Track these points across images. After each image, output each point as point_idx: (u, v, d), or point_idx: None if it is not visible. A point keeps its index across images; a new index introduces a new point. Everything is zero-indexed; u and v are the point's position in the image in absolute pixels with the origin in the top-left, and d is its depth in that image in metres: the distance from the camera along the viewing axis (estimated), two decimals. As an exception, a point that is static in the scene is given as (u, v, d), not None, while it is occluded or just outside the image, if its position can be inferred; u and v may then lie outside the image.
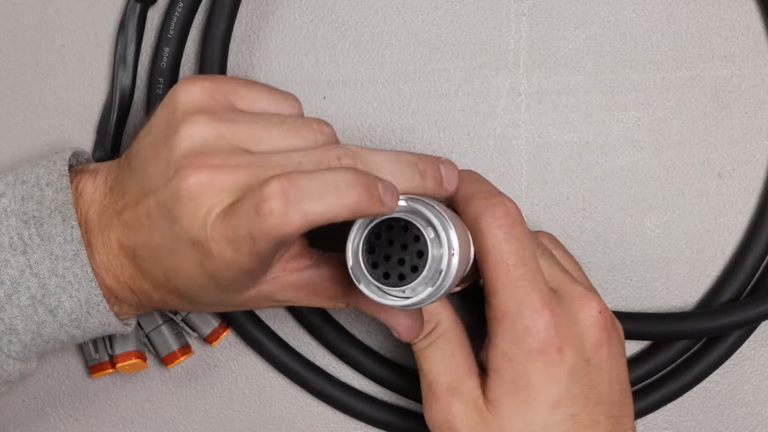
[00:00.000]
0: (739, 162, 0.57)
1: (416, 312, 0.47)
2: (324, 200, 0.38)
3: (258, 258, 0.40)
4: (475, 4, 0.57)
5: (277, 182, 0.38)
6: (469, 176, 0.49)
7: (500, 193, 0.47)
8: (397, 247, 0.42)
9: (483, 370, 0.48)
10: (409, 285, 0.41)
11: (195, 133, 0.41)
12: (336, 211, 0.38)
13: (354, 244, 0.42)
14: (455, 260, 0.41)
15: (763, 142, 0.57)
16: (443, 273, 0.41)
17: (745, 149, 0.57)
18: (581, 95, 0.57)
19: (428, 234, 0.41)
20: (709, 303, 0.57)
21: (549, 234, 0.52)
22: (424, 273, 0.41)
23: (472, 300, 0.54)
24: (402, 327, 0.47)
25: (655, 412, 0.58)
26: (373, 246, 0.42)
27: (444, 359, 0.48)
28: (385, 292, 0.42)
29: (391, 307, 0.42)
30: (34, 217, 0.45)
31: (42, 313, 0.45)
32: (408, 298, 0.42)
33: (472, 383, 0.47)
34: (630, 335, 0.55)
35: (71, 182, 0.46)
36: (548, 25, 0.57)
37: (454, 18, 0.57)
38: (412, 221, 0.41)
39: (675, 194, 0.58)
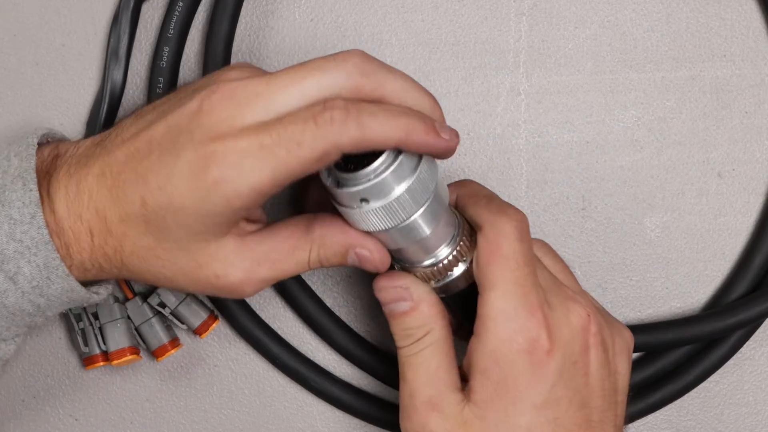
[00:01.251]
0: (739, 162, 0.57)
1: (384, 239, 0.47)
2: (381, 119, 0.42)
3: (282, 173, 0.41)
4: (475, 4, 0.57)
5: (341, 99, 0.41)
6: (472, 182, 0.51)
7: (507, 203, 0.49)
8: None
9: (464, 382, 0.48)
10: (366, 169, 0.43)
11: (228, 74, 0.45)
12: (390, 132, 0.42)
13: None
14: (422, 163, 0.44)
15: (763, 141, 0.58)
16: (401, 159, 0.43)
17: (745, 149, 0.57)
18: (581, 95, 0.57)
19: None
20: (717, 303, 0.57)
21: (540, 240, 0.52)
22: (381, 158, 0.43)
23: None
24: (369, 249, 0.46)
25: (656, 412, 0.58)
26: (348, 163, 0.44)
27: (429, 371, 0.47)
28: (344, 186, 0.44)
29: (348, 198, 0.44)
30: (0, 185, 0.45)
31: (2, 281, 0.44)
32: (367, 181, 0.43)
33: (453, 398, 0.47)
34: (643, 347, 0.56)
35: (50, 151, 0.47)
36: (548, 24, 0.57)
37: (454, 18, 0.57)
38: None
39: (675, 194, 0.58)
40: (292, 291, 0.57)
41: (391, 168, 0.43)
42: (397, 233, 0.45)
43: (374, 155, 0.43)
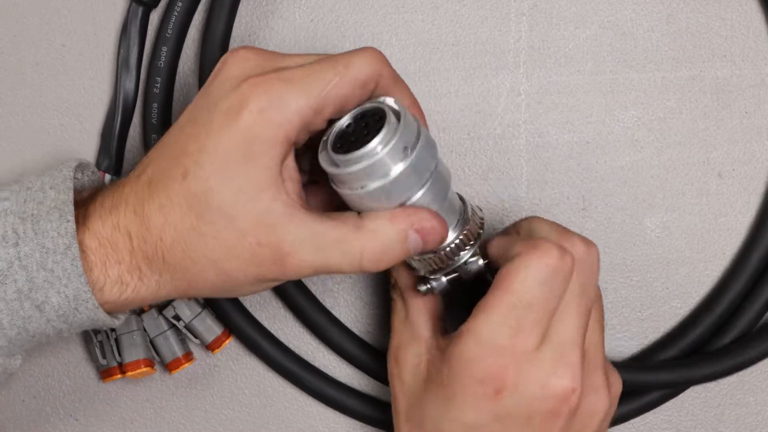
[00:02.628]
0: (740, 162, 0.57)
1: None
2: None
3: (332, 96, 0.43)
4: (475, 4, 0.57)
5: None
6: (546, 222, 0.49)
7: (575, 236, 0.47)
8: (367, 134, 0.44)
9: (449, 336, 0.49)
10: (363, 149, 0.43)
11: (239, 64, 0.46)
12: (408, 92, 0.47)
13: (329, 137, 0.45)
14: (420, 141, 0.43)
15: (763, 142, 0.57)
16: (397, 137, 0.43)
17: (746, 149, 0.57)
18: (581, 95, 0.57)
19: (390, 117, 0.44)
20: (711, 304, 0.57)
21: (600, 296, 0.49)
22: (378, 138, 0.43)
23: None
24: (427, 217, 0.45)
25: (656, 412, 0.58)
26: (345, 136, 0.45)
27: (399, 320, 0.51)
28: (343, 167, 0.44)
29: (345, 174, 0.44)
30: (33, 215, 0.45)
31: (28, 308, 0.44)
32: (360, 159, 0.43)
33: (417, 348, 0.50)
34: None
35: (88, 193, 0.47)
36: (548, 24, 0.57)
37: (454, 18, 0.57)
38: (381, 106, 0.44)
39: (675, 194, 0.57)
40: (290, 293, 0.57)
41: (389, 147, 0.43)
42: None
43: (370, 137, 0.43)
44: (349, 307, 0.58)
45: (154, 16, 0.56)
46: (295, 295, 0.57)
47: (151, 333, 0.56)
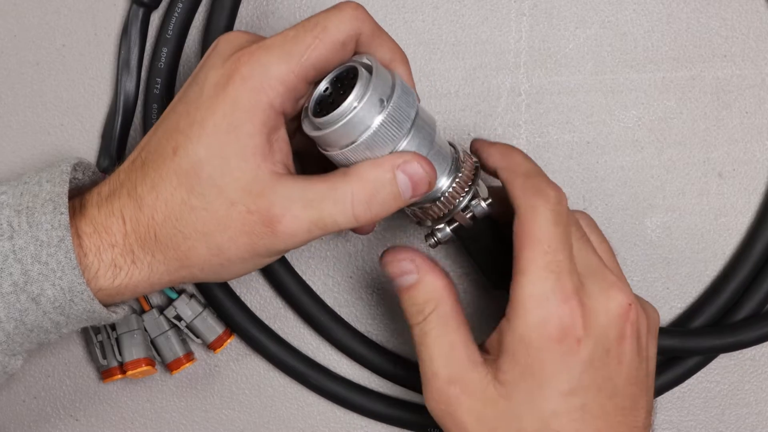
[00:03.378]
0: (740, 162, 0.57)
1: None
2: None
3: (310, 60, 0.44)
4: (475, 4, 0.57)
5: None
6: (519, 153, 0.50)
7: (549, 179, 0.48)
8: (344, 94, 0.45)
9: (489, 354, 0.47)
10: (341, 107, 0.44)
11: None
12: (394, 46, 0.47)
13: (308, 103, 0.46)
14: (395, 93, 0.44)
15: (763, 141, 0.57)
16: (370, 93, 0.44)
17: (746, 149, 0.57)
18: (581, 95, 0.57)
19: (362, 73, 0.45)
20: (706, 303, 0.57)
21: (586, 215, 0.51)
22: (352, 95, 0.44)
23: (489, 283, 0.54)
24: (411, 158, 0.45)
25: (656, 411, 0.58)
26: (324, 100, 0.46)
27: (444, 351, 0.47)
28: (324, 129, 0.45)
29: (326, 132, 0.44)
30: (28, 207, 0.45)
31: (24, 300, 0.45)
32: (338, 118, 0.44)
33: (475, 374, 0.47)
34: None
35: (91, 187, 0.48)
36: (548, 25, 0.57)
37: (454, 18, 0.57)
38: (354, 65, 0.45)
39: (675, 194, 0.57)
40: (292, 291, 0.57)
41: (363, 101, 0.44)
42: None
43: (346, 95, 0.44)
44: (350, 307, 0.58)
45: (155, 17, 0.56)
46: (296, 294, 0.57)
47: (152, 333, 0.56)
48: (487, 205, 0.48)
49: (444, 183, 0.47)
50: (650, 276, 0.58)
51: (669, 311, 0.58)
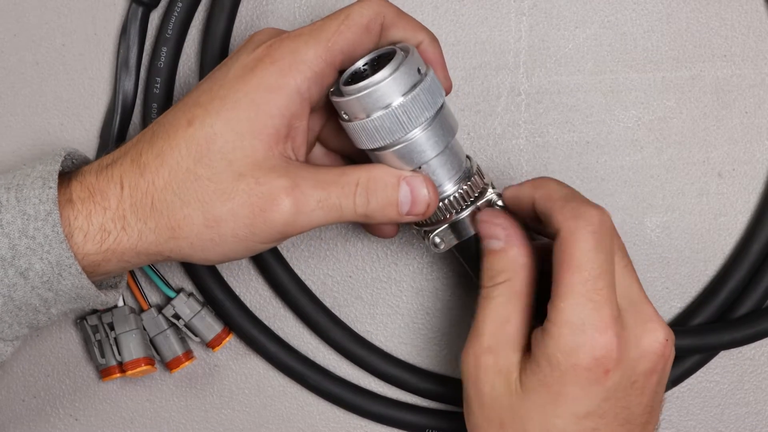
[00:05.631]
0: (739, 162, 0.57)
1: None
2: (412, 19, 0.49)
3: (335, 46, 0.45)
4: (475, 4, 0.57)
5: None
6: (553, 180, 0.49)
7: (590, 201, 0.47)
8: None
9: (529, 348, 0.47)
10: (370, 79, 0.45)
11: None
12: (419, 27, 0.49)
13: (343, 77, 0.47)
14: (425, 80, 0.45)
15: (763, 141, 0.57)
16: (401, 69, 0.45)
17: (745, 149, 0.57)
18: (581, 95, 0.57)
19: (399, 54, 0.46)
20: (705, 302, 0.57)
21: (620, 239, 0.49)
22: (385, 69, 0.45)
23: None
24: (420, 178, 0.47)
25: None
26: (358, 74, 0.47)
27: (497, 321, 0.47)
28: (345, 94, 0.46)
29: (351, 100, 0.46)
30: (18, 185, 0.45)
31: (12, 275, 0.44)
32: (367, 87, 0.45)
33: (512, 356, 0.46)
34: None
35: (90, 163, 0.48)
36: (548, 24, 0.57)
37: (454, 18, 0.57)
38: (393, 48, 0.47)
39: (675, 194, 0.58)
40: (291, 291, 0.57)
41: (391, 78, 0.45)
42: (399, 152, 0.46)
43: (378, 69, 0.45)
44: (349, 307, 0.58)
45: (155, 17, 0.56)
46: (295, 294, 0.57)
47: (151, 332, 0.56)
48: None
49: (449, 188, 0.48)
50: (650, 275, 0.58)
51: (668, 310, 0.58)
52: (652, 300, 0.51)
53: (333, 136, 0.51)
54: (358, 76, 0.47)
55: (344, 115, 0.46)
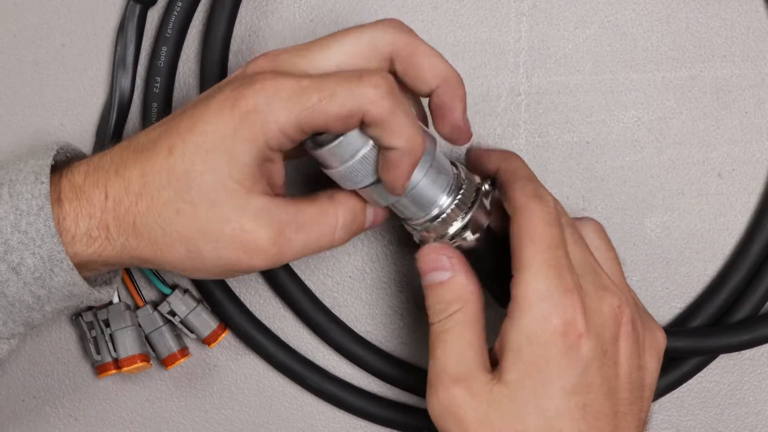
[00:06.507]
0: (739, 162, 0.57)
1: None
2: (411, 118, 0.46)
3: (307, 119, 0.43)
4: (475, 4, 0.57)
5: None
6: (519, 158, 0.51)
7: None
8: None
9: (494, 365, 0.47)
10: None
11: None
12: (415, 132, 0.45)
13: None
14: None
15: (763, 141, 0.57)
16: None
17: (745, 149, 0.57)
18: (581, 95, 0.57)
19: None
20: (705, 302, 0.57)
21: (595, 222, 0.52)
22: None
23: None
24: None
25: (656, 411, 0.58)
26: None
27: (460, 349, 0.47)
28: (323, 146, 0.45)
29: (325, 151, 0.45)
30: (11, 180, 0.45)
31: (5, 271, 0.44)
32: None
33: (482, 376, 0.46)
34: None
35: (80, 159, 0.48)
36: (548, 25, 0.57)
37: (454, 18, 0.57)
38: None
39: (675, 194, 0.58)
40: (290, 291, 0.57)
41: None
42: (384, 187, 0.46)
43: None
44: (348, 307, 0.58)
45: (154, 16, 0.56)
46: (295, 294, 0.57)
47: (147, 329, 0.56)
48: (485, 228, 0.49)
49: (445, 201, 0.48)
50: (650, 276, 0.58)
51: (668, 311, 0.58)
52: (652, 300, 0.52)
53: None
54: None
55: (321, 164, 0.47)
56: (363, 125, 0.44)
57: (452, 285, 0.48)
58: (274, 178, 0.47)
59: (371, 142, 0.45)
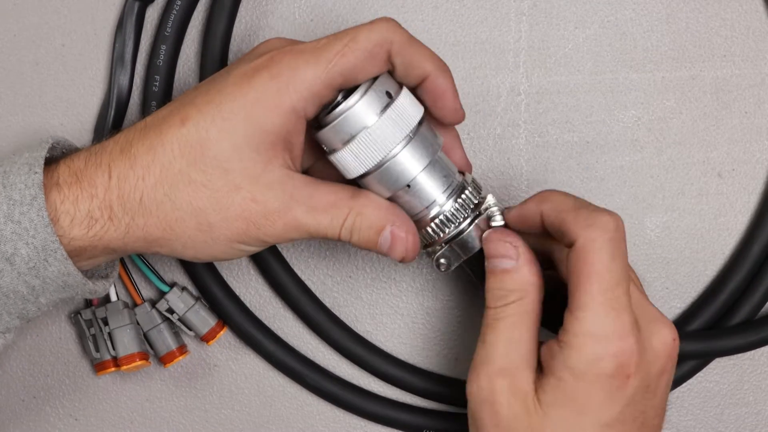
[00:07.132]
0: (739, 162, 0.57)
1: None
2: (424, 48, 0.48)
3: (336, 69, 0.44)
4: (475, 4, 0.57)
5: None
6: (557, 191, 0.48)
7: (598, 207, 0.47)
8: None
9: (539, 366, 0.47)
10: (343, 104, 0.45)
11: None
12: (430, 56, 0.47)
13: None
14: (400, 97, 0.46)
15: (763, 142, 0.57)
16: (372, 91, 0.45)
17: (745, 149, 0.57)
18: (581, 95, 0.57)
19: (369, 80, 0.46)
20: (705, 302, 0.57)
21: (616, 220, 0.49)
22: (356, 94, 0.45)
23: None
24: (405, 229, 0.47)
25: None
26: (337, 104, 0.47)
27: (510, 341, 0.47)
28: (325, 126, 0.46)
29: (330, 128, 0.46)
30: (4, 171, 0.45)
31: None
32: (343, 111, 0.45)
33: (526, 375, 0.46)
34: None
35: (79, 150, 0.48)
36: (548, 24, 0.57)
37: (454, 18, 0.57)
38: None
39: (675, 194, 0.57)
40: (291, 291, 0.57)
41: (362, 99, 0.45)
42: (383, 175, 0.46)
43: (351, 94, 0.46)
44: (349, 307, 0.58)
45: (154, 15, 0.56)
46: (295, 294, 0.57)
47: (145, 326, 0.56)
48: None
49: (442, 204, 0.48)
50: (649, 276, 0.58)
51: (668, 311, 0.58)
52: (652, 300, 0.52)
53: (326, 171, 0.50)
54: (334, 108, 0.47)
55: (326, 149, 0.47)
56: (393, 58, 0.46)
57: (515, 275, 0.47)
58: (294, 152, 0.46)
59: (375, 117, 0.45)
